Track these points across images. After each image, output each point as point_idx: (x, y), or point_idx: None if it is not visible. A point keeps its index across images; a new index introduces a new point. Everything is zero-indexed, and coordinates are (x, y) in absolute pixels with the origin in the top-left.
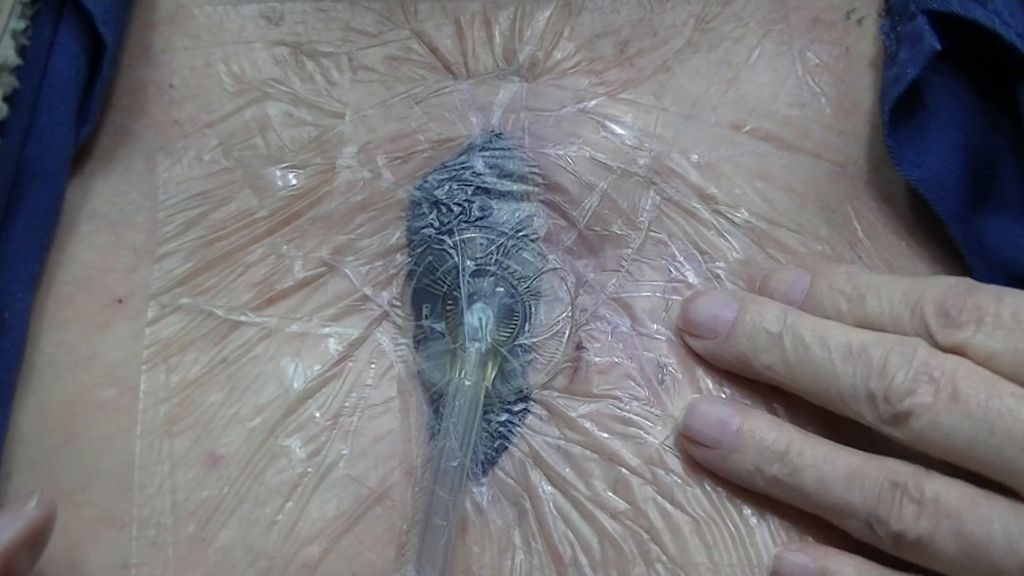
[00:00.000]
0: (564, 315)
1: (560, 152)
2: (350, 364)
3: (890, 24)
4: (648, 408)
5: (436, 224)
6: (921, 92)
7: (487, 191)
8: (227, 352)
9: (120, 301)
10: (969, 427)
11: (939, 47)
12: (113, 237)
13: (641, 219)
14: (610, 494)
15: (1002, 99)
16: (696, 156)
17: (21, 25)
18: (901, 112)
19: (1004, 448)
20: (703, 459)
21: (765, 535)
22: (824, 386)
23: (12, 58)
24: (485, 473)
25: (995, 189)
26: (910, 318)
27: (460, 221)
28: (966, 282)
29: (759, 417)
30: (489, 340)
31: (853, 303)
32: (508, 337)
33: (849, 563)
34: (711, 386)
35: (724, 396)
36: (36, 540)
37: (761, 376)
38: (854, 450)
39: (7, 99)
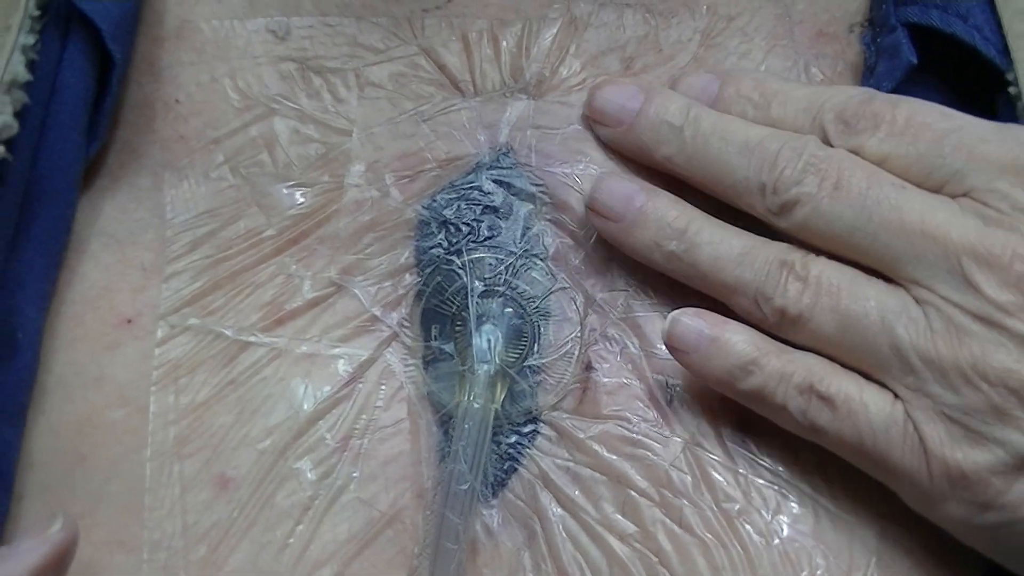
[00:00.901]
0: (573, 335)
1: (567, 171)
2: (360, 385)
3: (871, 36)
4: (656, 429)
5: (445, 244)
6: None
7: (496, 210)
8: (236, 373)
9: (129, 321)
10: (849, 214)
11: (915, 61)
12: (121, 256)
13: None
14: (619, 516)
15: (981, 109)
16: None
17: (31, 40)
18: None
19: (879, 234)
20: (605, 231)
21: (774, 558)
22: (719, 177)
23: (22, 74)
24: (495, 495)
25: None
26: (810, 125)
27: (468, 241)
28: (867, 91)
29: (663, 196)
30: (498, 362)
31: (759, 109)
32: (517, 358)
33: (740, 331)
34: (722, 403)
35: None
36: (60, 563)
37: (660, 166)
38: (750, 233)
39: (17, 115)
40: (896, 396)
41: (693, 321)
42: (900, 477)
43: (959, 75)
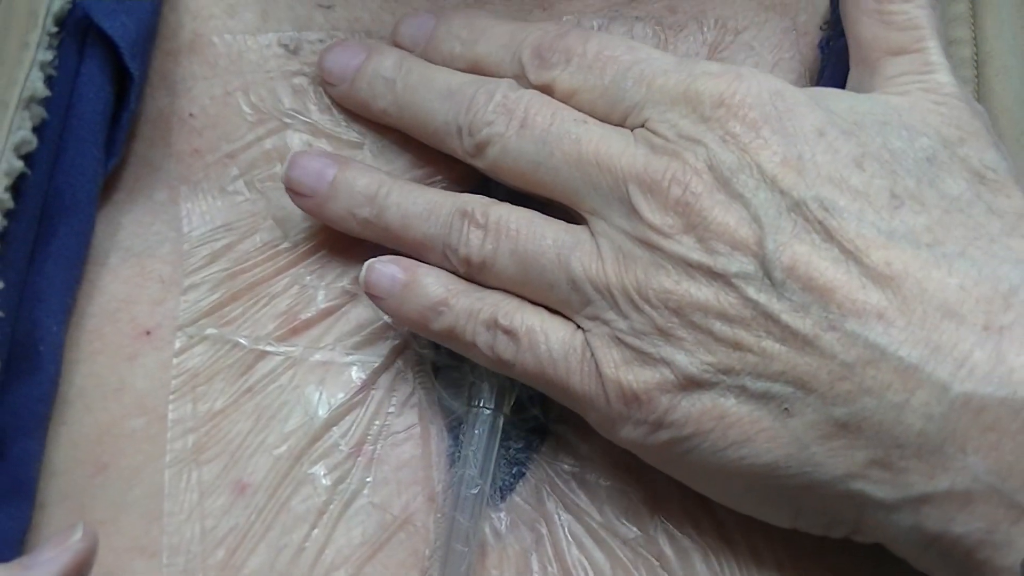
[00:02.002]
0: None
1: None
2: (373, 392)
3: (826, 39)
4: None
5: None
6: None
7: None
8: (253, 381)
9: (148, 332)
10: (533, 150)
11: None
12: (139, 269)
13: None
14: (622, 521)
15: None
16: None
17: (49, 56)
18: None
19: (560, 168)
20: (305, 207)
21: (771, 565)
22: (426, 124)
23: (41, 89)
24: (503, 499)
25: None
26: (510, 60)
27: None
28: (564, 26)
29: (354, 166)
30: None
31: (465, 46)
32: None
33: (432, 273)
34: None
35: None
36: (81, 572)
37: (381, 119)
38: (436, 189)
39: (36, 130)
40: (579, 327)
41: (386, 267)
42: (583, 402)
43: None
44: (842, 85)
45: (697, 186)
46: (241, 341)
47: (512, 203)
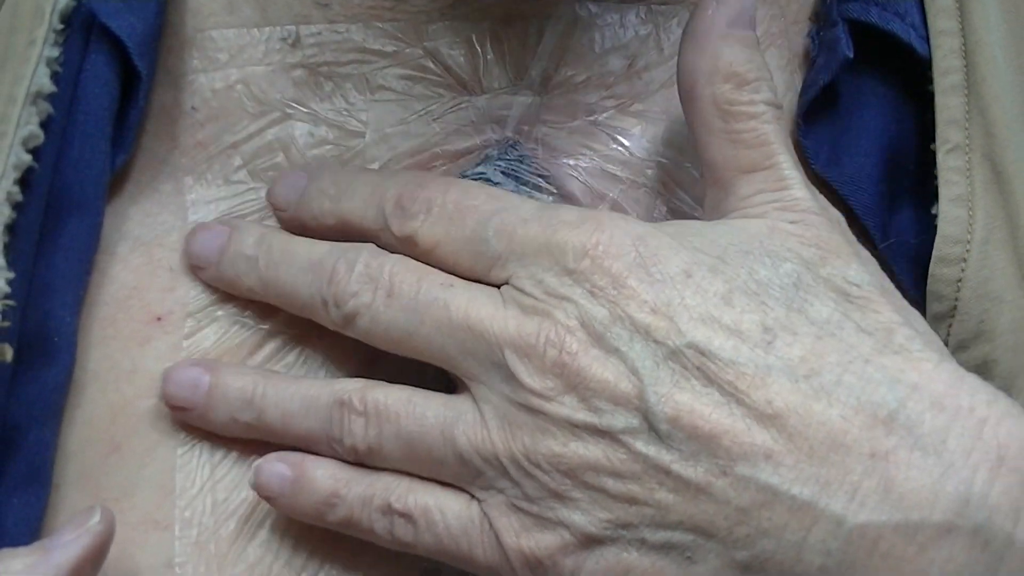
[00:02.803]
0: None
1: (572, 163)
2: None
3: (816, 29)
4: None
5: None
6: (837, 96)
7: None
8: (260, 359)
9: (159, 319)
10: (403, 319)
11: (851, 55)
12: (148, 258)
13: None
14: None
15: (917, 105)
16: None
17: (55, 53)
18: (819, 113)
19: (433, 336)
20: (187, 420)
21: None
22: (292, 299)
23: (47, 85)
24: None
25: (912, 183)
26: (375, 213)
27: None
28: (422, 175)
29: (227, 370)
30: None
31: (333, 201)
32: None
33: (320, 465)
34: None
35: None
36: (100, 554)
37: (250, 296)
38: (311, 379)
39: (42, 125)
40: (474, 496)
41: (273, 466)
42: (490, 573)
43: (896, 71)
44: (834, 73)
45: (572, 345)
46: (248, 322)
47: None
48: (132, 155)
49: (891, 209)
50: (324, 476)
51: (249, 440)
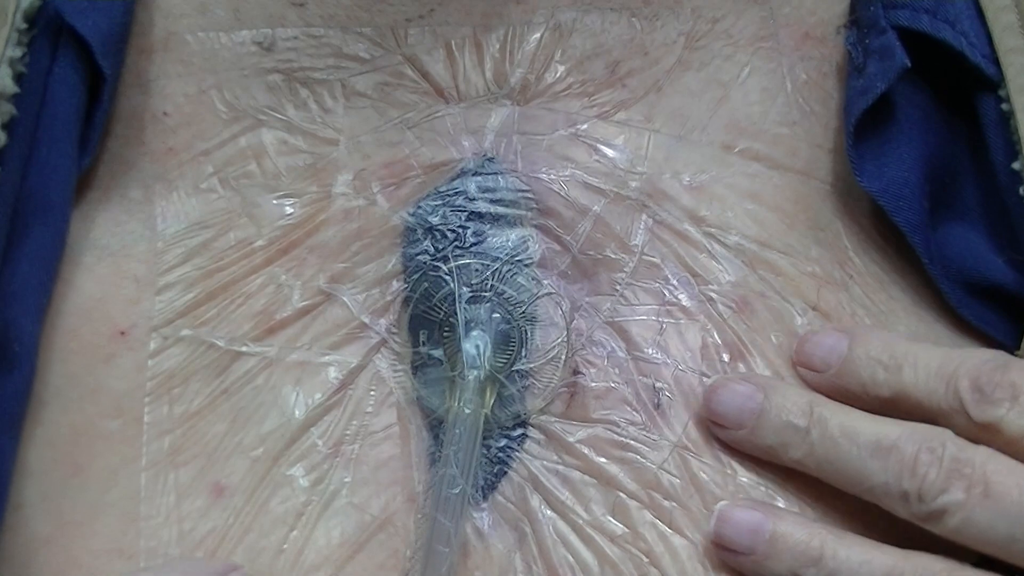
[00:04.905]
0: (560, 340)
1: (553, 176)
2: (350, 392)
3: (857, 36)
4: (645, 432)
5: (431, 251)
6: (892, 106)
7: (481, 216)
8: (229, 383)
9: (123, 333)
10: (1004, 524)
11: (909, 64)
12: (114, 268)
13: (634, 242)
14: (609, 518)
15: (962, 109)
16: (687, 178)
17: (18, 53)
18: (864, 124)
19: None
20: (737, 564)
21: None
22: (855, 481)
23: (10, 86)
24: (485, 498)
25: (955, 198)
26: (944, 391)
27: (454, 247)
28: (1001, 356)
29: (789, 520)
30: (487, 367)
31: (890, 372)
32: (505, 363)
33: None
34: (702, 409)
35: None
36: None
37: (792, 466)
38: (888, 548)
39: (5, 127)
40: None
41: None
42: None
43: (941, 73)
44: (891, 81)
45: None
46: (216, 342)
47: None
48: (101, 161)
49: (938, 220)
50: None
51: (216, 458)
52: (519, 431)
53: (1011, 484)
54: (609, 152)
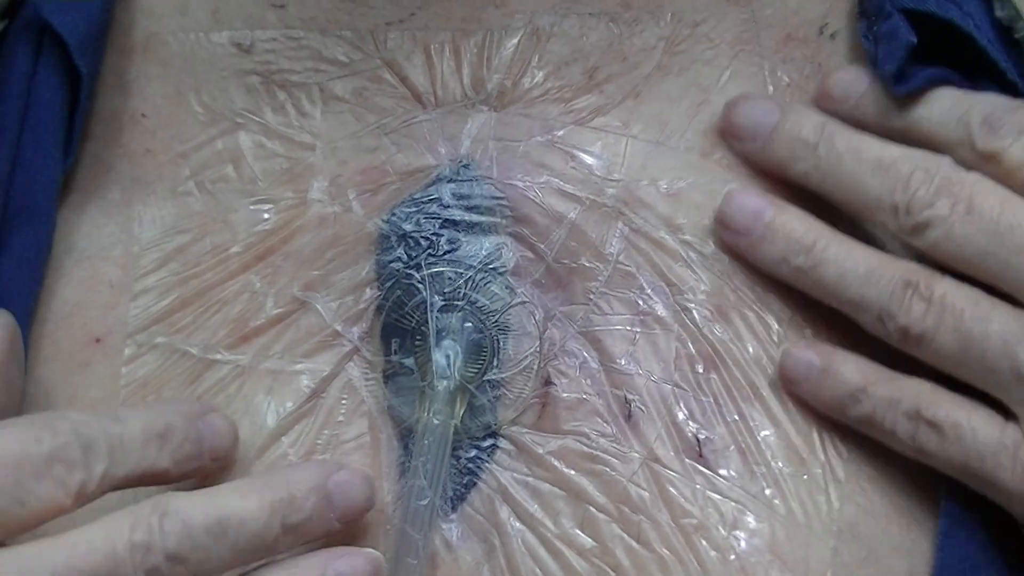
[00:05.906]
0: (532, 350)
1: (528, 183)
2: (322, 400)
3: (867, 26)
4: (615, 445)
5: (404, 258)
6: None
7: (455, 224)
8: (201, 391)
9: (98, 340)
10: (981, 239)
11: (915, 40)
12: (91, 272)
13: (609, 251)
14: (577, 531)
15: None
16: (665, 185)
17: None
18: None
19: (1011, 259)
20: (734, 244)
21: (731, 573)
22: (852, 195)
23: None
24: (454, 509)
25: None
26: (955, 124)
27: (428, 255)
28: (1015, 101)
29: (791, 211)
30: (457, 377)
31: (905, 105)
32: (476, 373)
33: (848, 360)
34: (681, 418)
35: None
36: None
37: (796, 181)
38: (875, 249)
39: None
40: (1007, 419)
41: (803, 353)
42: (1011, 497)
43: (944, 58)
44: (900, 60)
45: None
46: (191, 350)
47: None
48: (81, 163)
49: None
50: (852, 370)
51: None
52: (489, 442)
53: (993, 202)
54: (586, 159)
